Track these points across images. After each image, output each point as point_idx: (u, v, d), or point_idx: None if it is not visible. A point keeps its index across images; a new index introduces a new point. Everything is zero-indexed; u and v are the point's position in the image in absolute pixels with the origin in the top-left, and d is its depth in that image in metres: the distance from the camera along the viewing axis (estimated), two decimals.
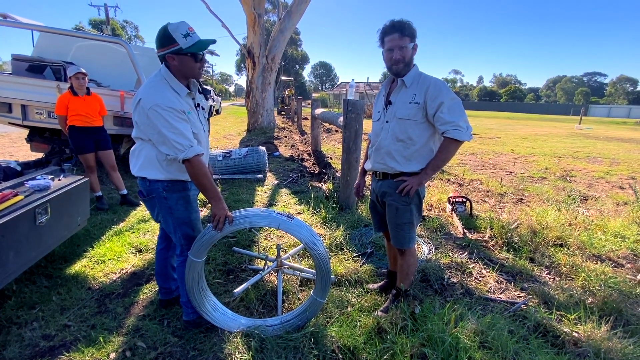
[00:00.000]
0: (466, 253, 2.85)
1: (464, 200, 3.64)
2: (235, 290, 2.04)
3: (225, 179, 4.89)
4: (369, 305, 2.10)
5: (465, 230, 3.24)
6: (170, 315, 2.01)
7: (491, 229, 3.19)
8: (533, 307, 2.11)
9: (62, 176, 2.38)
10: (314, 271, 2.35)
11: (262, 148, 5.39)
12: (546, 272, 2.59)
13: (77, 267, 2.49)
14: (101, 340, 1.77)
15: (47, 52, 4.68)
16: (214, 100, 16.29)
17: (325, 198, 3.99)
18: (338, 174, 4.87)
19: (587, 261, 2.67)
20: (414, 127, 1.69)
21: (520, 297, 2.27)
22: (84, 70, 3.45)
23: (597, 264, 2.63)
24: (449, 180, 5.23)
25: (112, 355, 1.70)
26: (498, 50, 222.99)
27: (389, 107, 1.76)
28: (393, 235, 1.90)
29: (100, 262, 2.59)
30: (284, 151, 7.35)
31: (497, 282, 2.45)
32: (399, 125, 1.71)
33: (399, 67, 1.67)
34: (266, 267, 2.27)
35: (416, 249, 2.86)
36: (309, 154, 6.97)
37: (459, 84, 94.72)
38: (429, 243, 2.97)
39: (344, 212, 3.55)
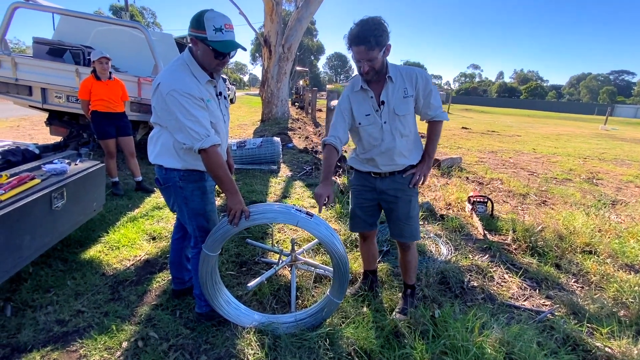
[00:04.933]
0: (487, 256, 2.73)
1: (485, 200, 3.50)
2: (249, 284, 2.00)
3: (238, 169, 4.85)
4: (385, 305, 2.03)
5: (485, 232, 3.11)
6: (183, 306, 1.98)
7: (514, 231, 3.05)
8: (560, 317, 1.99)
9: (78, 161, 2.36)
10: (329, 268, 2.28)
11: (277, 139, 5.32)
12: (574, 280, 2.45)
13: (92, 252, 2.50)
14: (114, 328, 1.75)
15: (67, 36, 4.69)
16: (229, 89, 16.28)
17: (339, 192, 3.90)
18: None
19: (619, 271, 2.52)
20: (410, 119, 1.73)
21: (546, 305, 2.15)
22: (107, 55, 3.43)
23: (630, 274, 2.47)
24: (467, 178, 5.06)
25: (125, 344, 1.68)
26: (520, 45, 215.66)
27: (382, 107, 1.68)
28: (403, 230, 1.83)
29: (114, 248, 2.58)
30: (298, 143, 7.27)
31: (521, 289, 2.33)
32: (401, 122, 1.69)
33: (369, 76, 1.63)
34: (280, 261, 2.22)
35: (433, 249, 2.77)
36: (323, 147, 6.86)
37: (477, 80, 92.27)
38: (448, 244, 2.86)
39: None
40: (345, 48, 1.61)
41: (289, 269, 2.30)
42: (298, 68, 26.46)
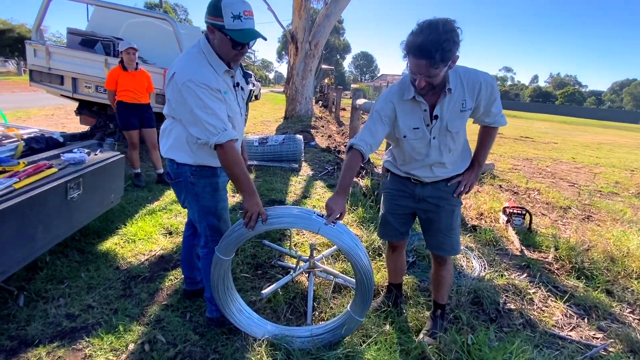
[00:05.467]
0: (525, 275, 2.46)
1: (523, 211, 3.19)
2: (263, 291, 1.87)
3: (259, 166, 4.77)
4: (411, 324, 1.83)
5: (523, 247, 2.82)
6: (194, 308, 1.88)
7: (556, 249, 2.75)
8: (617, 355, 1.72)
9: (99, 151, 2.32)
10: (350, 278, 2.11)
11: (299, 137, 5.20)
12: (629, 310, 2.15)
13: (109, 244, 2.46)
14: (121, 329, 1.67)
15: (100, 28, 4.78)
16: (254, 85, 16.36)
17: (362, 195, 3.71)
18: (377, 170, 4.56)
19: None
20: (462, 134, 1.53)
21: (598, 338, 1.88)
22: (135, 46, 3.43)
23: None
24: (500, 186, 4.71)
25: (131, 346, 1.60)
26: (557, 48, 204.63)
27: (434, 122, 1.45)
28: (443, 242, 1.64)
29: (130, 241, 2.54)
30: (321, 141, 7.12)
31: (566, 316, 2.06)
32: (452, 138, 1.49)
33: (423, 92, 1.37)
34: (297, 267, 2.07)
35: (464, 264, 2.53)
36: (346, 146, 6.67)
37: (509, 83, 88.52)
38: (481, 258, 2.61)
39: None
40: (401, 55, 1.29)
41: (307, 275, 2.15)
42: (324, 66, 26.32)
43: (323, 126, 9.40)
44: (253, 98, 18.85)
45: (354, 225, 3.03)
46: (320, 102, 18.63)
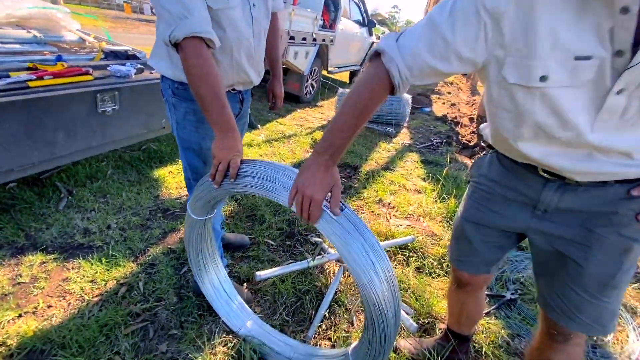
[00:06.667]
0: None
1: None
2: (258, 273, 1.40)
3: None
4: None
5: None
6: None
7: None
8: None
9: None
10: None
11: (407, 97, 4.28)
12: None
13: (163, 171, 2.42)
14: (103, 261, 1.51)
15: None
16: (378, 38, 15.07)
17: (466, 182, 2.72)
18: None
19: None
20: None
21: None
22: None
23: None
24: None
25: (110, 284, 1.42)
26: None
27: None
28: (582, 306, 0.76)
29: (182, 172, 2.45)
30: (439, 109, 5.90)
31: None
32: None
33: None
34: (317, 254, 1.51)
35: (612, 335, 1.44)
36: (470, 119, 5.28)
37: None
38: None
39: None
40: None
41: (337, 268, 1.58)
42: None
43: (450, 92, 7.86)
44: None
45: (436, 218, 2.19)
46: None
